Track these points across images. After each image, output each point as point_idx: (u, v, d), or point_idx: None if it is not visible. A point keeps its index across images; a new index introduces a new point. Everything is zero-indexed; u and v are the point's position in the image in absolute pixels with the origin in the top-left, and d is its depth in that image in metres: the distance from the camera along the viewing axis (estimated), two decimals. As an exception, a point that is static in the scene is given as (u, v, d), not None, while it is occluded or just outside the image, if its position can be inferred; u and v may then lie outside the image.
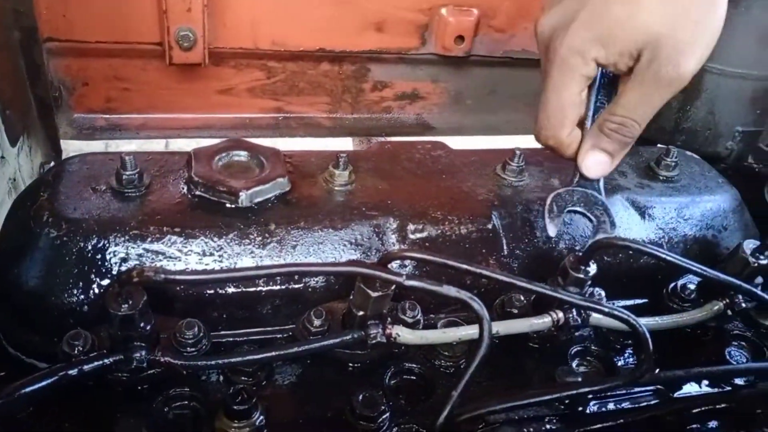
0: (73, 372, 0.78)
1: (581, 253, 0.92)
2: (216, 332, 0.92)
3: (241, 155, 1.01)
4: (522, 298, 0.99)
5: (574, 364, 1.01)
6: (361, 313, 0.87)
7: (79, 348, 0.80)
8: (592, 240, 0.94)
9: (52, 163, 1.35)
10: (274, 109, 1.56)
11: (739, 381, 1.01)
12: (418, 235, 1.00)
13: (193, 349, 0.85)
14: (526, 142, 1.64)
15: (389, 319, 0.89)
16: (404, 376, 0.95)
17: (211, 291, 0.91)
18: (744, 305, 1.02)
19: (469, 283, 0.99)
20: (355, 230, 0.98)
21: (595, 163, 0.96)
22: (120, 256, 0.88)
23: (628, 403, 0.95)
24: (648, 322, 0.99)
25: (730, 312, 1.03)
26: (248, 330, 0.94)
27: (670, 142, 1.31)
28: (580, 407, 0.92)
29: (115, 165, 0.95)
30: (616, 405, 0.94)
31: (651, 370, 0.81)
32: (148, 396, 0.85)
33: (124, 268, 0.87)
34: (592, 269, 0.93)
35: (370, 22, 1.45)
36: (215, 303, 0.91)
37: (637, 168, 1.20)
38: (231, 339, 0.93)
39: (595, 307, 0.84)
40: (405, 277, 0.78)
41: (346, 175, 1.04)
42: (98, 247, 0.88)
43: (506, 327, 0.92)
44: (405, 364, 0.96)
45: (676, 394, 0.98)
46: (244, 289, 0.92)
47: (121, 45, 1.36)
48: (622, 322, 0.82)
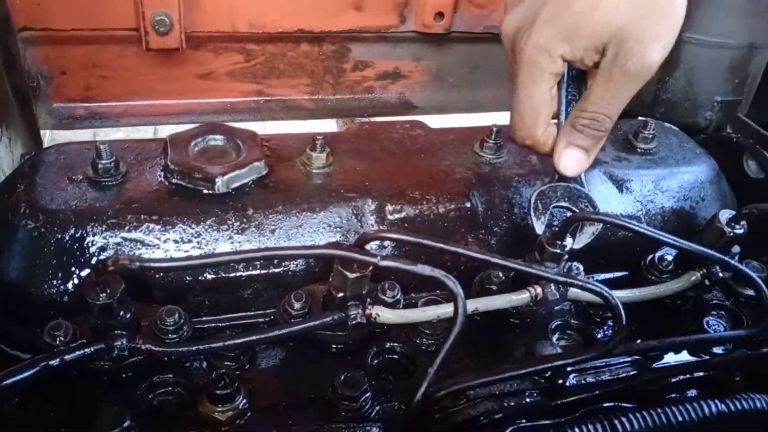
0: (55, 362, 0.79)
1: (557, 229, 0.93)
2: (198, 318, 0.93)
3: (218, 139, 1.01)
4: (501, 275, 1.00)
5: (555, 338, 1.03)
6: (341, 295, 0.88)
7: (60, 338, 0.81)
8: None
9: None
10: (255, 92, 1.55)
11: (717, 349, 1.02)
12: (397, 216, 1.01)
13: (175, 336, 0.85)
14: (503, 119, 1.65)
15: (369, 300, 0.90)
16: (386, 355, 0.97)
17: (191, 277, 0.92)
18: (721, 275, 1.03)
19: (449, 262, 0.99)
20: (333, 212, 0.99)
21: (572, 160, 0.97)
22: (98, 246, 0.89)
23: (608, 375, 0.96)
24: (626, 295, 1.00)
25: (707, 282, 1.04)
26: (230, 315, 0.95)
27: (650, 115, 1.31)
28: (560, 380, 0.94)
29: (92, 154, 0.95)
30: (595, 377, 0.96)
31: (624, 341, 0.82)
32: (131, 383, 0.86)
33: (102, 258, 0.88)
34: (569, 244, 0.94)
35: (348, 1, 1.44)
36: (195, 289, 0.92)
37: (615, 141, 1.21)
38: (213, 325, 0.94)
39: (567, 281, 0.85)
40: (380, 257, 0.79)
41: (324, 158, 1.04)
42: (76, 237, 0.88)
43: (485, 303, 0.93)
44: (387, 344, 0.97)
45: (656, 365, 1.00)
46: (224, 275, 0.93)
47: (97, 32, 1.35)
48: (596, 295, 0.83)
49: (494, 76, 1.68)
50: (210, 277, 0.92)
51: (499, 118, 1.60)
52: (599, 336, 1.03)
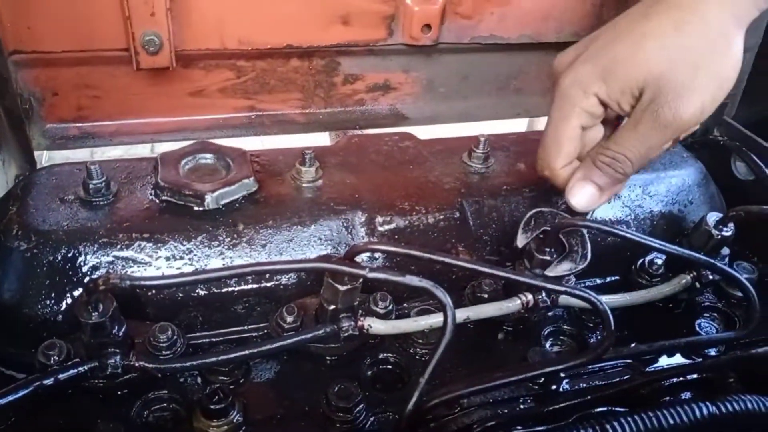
0: (49, 381, 0.79)
1: (545, 236, 0.93)
2: (192, 334, 0.94)
3: (207, 158, 1.02)
4: (492, 283, 1.01)
5: (548, 344, 1.03)
6: (332, 307, 0.88)
7: (54, 357, 0.81)
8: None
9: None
10: (247, 108, 1.56)
11: (711, 351, 1.03)
12: (387, 227, 1.02)
13: (168, 352, 0.86)
14: (501, 127, 1.66)
15: (361, 311, 0.91)
16: (380, 366, 0.97)
17: (183, 294, 0.92)
18: (711, 277, 1.04)
19: (439, 271, 1.00)
20: (324, 225, 1.00)
21: (584, 194, 0.97)
22: (90, 265, 0.89)
23: (601, 379, 0.97)
24: (616, 299, 1.01)
25: (698, 284, 1.05)
26: (224, 330, 0.95)
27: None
28: (553, 386, 0.94)
29: (83, 175, 0.96)
30: (588, 382, 0.96)
31: (612, 346, 0.82)
32: (127, 400, 0.87)
33: (94, 277, 0.89)
34: (557, 251, 0.94)
35: (335, 16, 1.45)
36: (188, 305, 0.93)
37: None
38: (207, 340, 0.94)
39: (555, 288, 0.86)
40: (368, 269, 0.79)
41: (313, 171, 1.05)
42: (68, 257, 0.89)
43: (476, 312, 0.94)
44: (381, 354, 0.97)
45: (649, 368, 1.00)
46: (216, 290, 0.94)
47: (87, 53, 1.36)
48: (584, 301, 0.84)
49: (484, 85, 1.69)
50: (202, 292, 0.93)
51: (490, 128, 1.62)
52: (592, 341, 1.03)
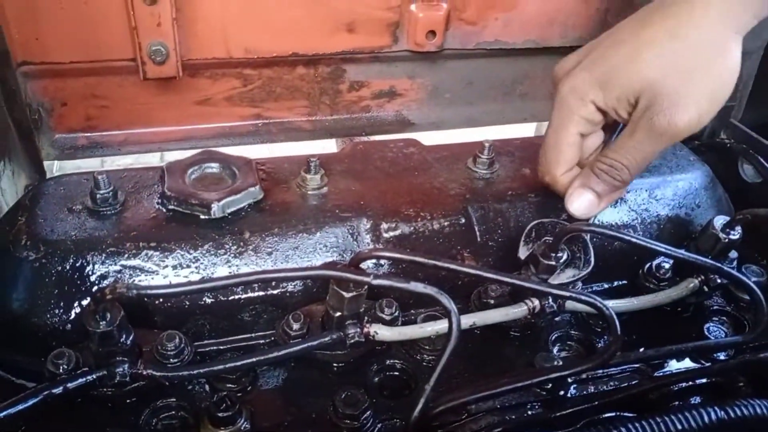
0: (58, 390, 0.80)
1: (550, 241, 0.93)
2: (200, 342, 0.94)
3: (213, 167, 1.03)
4: (498, 288, 1.01)
5: (555, 350, 1.03)
6: (338, 314, 0.89)
7: (63, 366, 0.82)
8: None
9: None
10: (254, 116, 1.57)
11: (720, 355, 1.02)
12: (392, 234, 1.02)
13: (176, 360, 0.87)
14: (506, 132, 1.66)
15: (367, 318, 0.91)
16: (387, 372, 0.97)
17: (190, 302, 0.93)
18: (719, 281, 1.04)
19: (445, 278, 1.00)
20: (329, 233, 1.00)
21: (583, 201, 0.98)
22: (98, 274, 0.90)
23: (609, 385, 0.96)
24: (624, 304, 1.01)
25: (706, 288, 1.05)
26: (231, 338, 0.96)
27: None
28: (561, 391, 0.94)
29: (90, 185, 0.97)
30: (596, 387, 0.96)
31: (619, 351, 0.82)
32: (135, 408, 0.87)
33: (102, 286, 0.89)
34: (563, 256, 0.94)
35: (340, 24, 1.46)
36: (196, 313, 0.93)
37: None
38: (214, 348, 0.95)
39: (561, 293, 0.86)
40: (373, 276, 0.79)
41: (318, 179, 1.05)
42: (77, 266, 0.90)
43: (482, 318, 0.94)
44: (387, 361, 0.97)
45: (657, 372, 1.00)
46: (223, 298, 0.94)
47: (95, 63, 1.37)
48: (590, 307, 0.84)
49: (489, 90, 1.69)
50: (209, 301, 0.93)
51: (496, 133, 1.62)
52: (600, 345, 1.03)
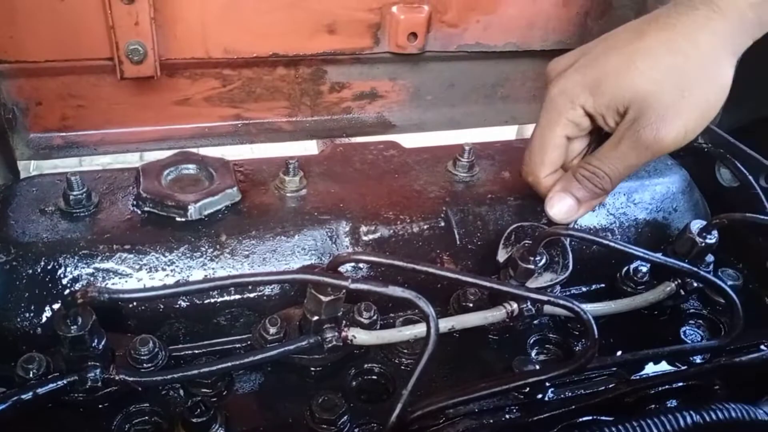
0: (27, 396, 0.78)
1: (529, 244, 0.93)
2: (175, 346, 0.93)
3: (190, 168, 1.02)
4: (477, 292, 1.00)
5: (534, 353, 1.03)
6: (316, 318, 0.88)
7: (33, 371, 0.80)
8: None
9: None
10: (233, 116, 1.55)
11: (697, 358, 1.03)
12: (371, 237, 1.01)
13: (149, 365, 0.85)
14: (487, 135, 1.66)
15: (345, 322, 0.91)
16: (365, 377, 0.97)
17: (165, 306, 0.91)
18: (696, 285, 1.04)
19: (425, 281, 1.00)
20: (307, 235, 0.99)
21: (563, 206, 0.98)
22: (71, 277, 0.89)
23: (586, 388, 0.96)
24: (601, 308, 1.01)
25: (683, 292, 1.05)
26: (207, 342, 0.95)
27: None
28: (539, 395, 0.94)
29: (63, 186, 0.95)
30: (573, 391, 0.96)
31: (596, 356, 0.82)
32: (108, 414, 0.85)
33: (73, 289, 0.88)
34: (542, 260, 0.94)
35: (321, 25, 1.45)
36: (170, 317, 0.92)
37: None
38: (190, 352, 0.93)
39: (539, 297, 0.86)
40: (351, 280, 0.79)
41: (297, 181, 1.04)
42: (48, 269, 0.88)
43: (461, 321, 0.94)
44: (366, 365, 0.97)
45: (635, 375, 1.00)
46: (198, 302, 0.93)
47: (71, 62, 1.35)
48: (568, 311, 0.84)
49: (471, 93, 1.70)
50: (184, 304, 0.92)
51: (477, 135, 1.62)
52: (578, 349, 1.03)
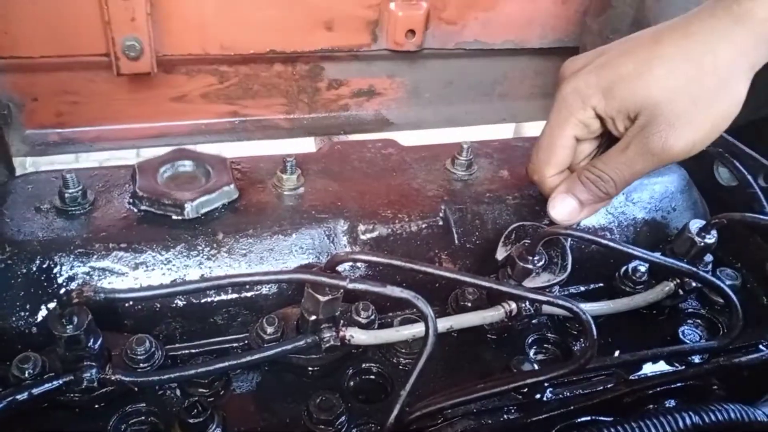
0: (23, 396, 0.77)
1: (527, 244, 0.93)
2: (172, 345, 0.92)
3: (186, 165, 1.01)
4: (476, 291, 1.00)
5: (532, 353, 1.03)
6: (313, 318, 0.87)
7: (29, 371, 0.80)
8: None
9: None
10: (230, 113, 1.55)
11: (695, 358, 1.03)
12: (369, 236, 1.01)
13: (146, 365, 0.85)
14: (485, 132, 1.66)
15: (343, 321, 0.90)
16: (363, 376, 0.96)
17: (162, 305, 0.91)
18: (694, 284, 1.04)
19: (423, 280, 0.99)
20: (305, 234, 0.99)
21: (566, 207, 0.96)
22: (66, 276, 0.88)
23: (585, 388, 0.96)
24: (600, 307, 1.01)
25: (681, 291, 1.05)
26: (204, 341, 0.94)
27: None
28: (537, 395, 0.94)
29: (59, 183, 0.95)
30: (572, 391, 0.95)
31: (594, 355, 0.82)
32: (104, 414, 0.85)
33: (69, 288, 0.87)
34: (541, 260, 0.94)
35: (319, 21, 1.45)
36: (167, 316, 0.91)
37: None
38: (187, 351, 0.92)
39: (537, 297, 0.85)
40: (348, 280, 0.78)
41: (294, 179, 1.04)
42: (43, 268, 0.87)
43: (459, 321, 0.93)
44: (364, 364, 0.96)
45: (633, 375, 1.00)
46: (195, 301, 0.92)
47: (67, 58, 1.34)
48: (566, 311, 0.83)
49: (469, 90, 1.69)
50: (181, 303, 0.91)
51: (475, 133, 1.61)
52: (576, 348, 1.03)
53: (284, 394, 0.92)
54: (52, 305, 0.87)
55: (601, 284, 1.13)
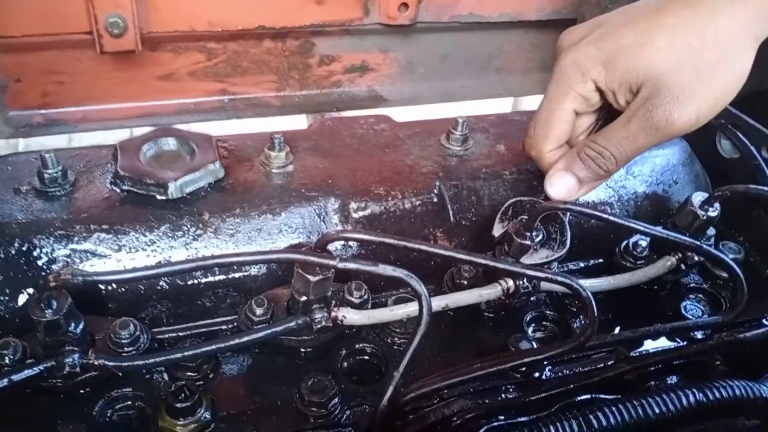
0: (3, 383, 0.75)
1: (525, 220, 0.90)
2: (158, 329, 0.89)
3: (170, 144, 0.97)
4: (472, 269, 0.97)
5: (530, 330, 1.01)
6: (304, 299, 0.84)
7: (9, 357, 0.77)
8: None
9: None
10: (219, 91, 1.51)
11: (697, 334, 1.00)
12: (361, 214, 0.98)
13: (131, 349, 0.82)
14: (481, 108, 1.62)
15: (334, 302, 0.87)
16: (357, 357, 0.94)
17: (146, 287, 0.88)
18: (697, 259, 1.01)
19: (417, 258, 0.96)
20: (295, 213, 0.96)
21: (563, 185, 0.93)
22: (46, 259, 0.85)
23: (585, 366, 0.94)
24: (600, 283, 0.98)
25: (683, 266, 1.02)
26: (191, 324, 0.91)
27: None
28: (536, 374, 0.91)
29: (38, 164, 0.91)
30: (571, 369, 0.93)
31: (595, 333, 0.79)
32: (89, 399, 0.83)
33: (50, 272, 0.84)
34: (539, 236, 0.91)
35: (309, -4, 1.41)
36: (152, 299, 0.89)
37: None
38: (174, 334, 0.90)
39: (536, 274, 0.83)
40: (339, 259, 0.75)
41: (283, 156, 1.01)
42: (23, 251, 0.84)
43: (455, 299, 0.91)
44: (357, 345, 0.94)
45: (634, 352, 0.97)
46: (181, 283, 0.89)
47: (50, 37, 1.30)
48: (565, 287, 0.81)
49: (465, 65, 1.65)
50: (166, 285, 0.89)
51: (471, 108, 1.57)
52: (575, 326, 1.01)
53: (275, 377, 0.89)
54: (32, 289, 0.84)
55: (601, 260, 1.10)
